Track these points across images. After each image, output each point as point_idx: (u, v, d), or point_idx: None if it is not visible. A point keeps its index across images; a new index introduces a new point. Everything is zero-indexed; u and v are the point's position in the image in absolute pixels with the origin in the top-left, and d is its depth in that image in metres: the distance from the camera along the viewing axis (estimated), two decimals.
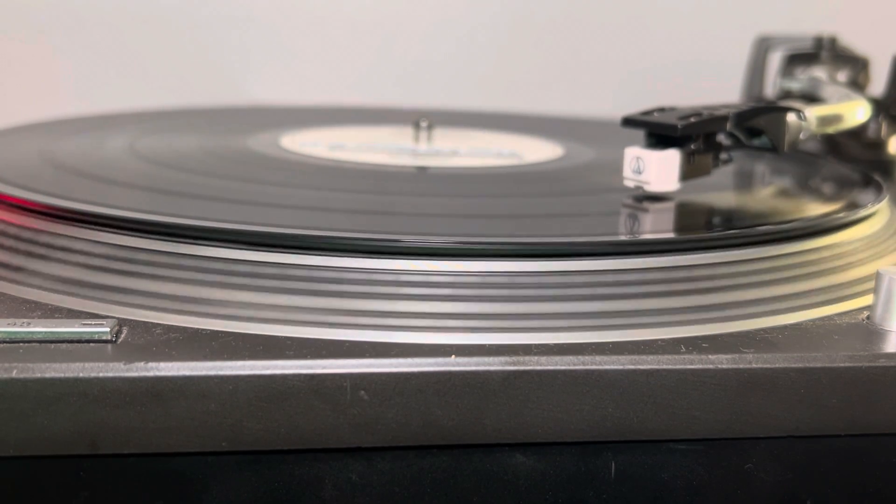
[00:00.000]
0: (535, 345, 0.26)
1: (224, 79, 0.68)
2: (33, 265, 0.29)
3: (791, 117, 0.37)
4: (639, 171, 0.36)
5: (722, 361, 0.26)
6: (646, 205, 0.36)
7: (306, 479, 0.26)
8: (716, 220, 0.37)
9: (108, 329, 0.25)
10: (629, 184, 0.36)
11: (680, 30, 0.71)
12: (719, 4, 0.71)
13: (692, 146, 0.36)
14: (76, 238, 0.30)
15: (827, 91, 0.47)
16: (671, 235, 0.33)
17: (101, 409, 0.24)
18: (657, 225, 0.35)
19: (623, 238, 0.32)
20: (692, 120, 0.35)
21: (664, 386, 0.26)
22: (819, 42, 0.55)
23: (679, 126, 0.35)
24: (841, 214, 0.35)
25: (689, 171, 0.36)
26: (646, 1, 0.71)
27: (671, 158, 0.36)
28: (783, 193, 0.42)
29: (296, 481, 0.26)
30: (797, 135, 0.37)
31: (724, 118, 0.36)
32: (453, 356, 0.25)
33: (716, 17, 0.71)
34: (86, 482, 0.25)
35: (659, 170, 0.35)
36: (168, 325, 0.26)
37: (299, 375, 0.24)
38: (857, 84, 0.54)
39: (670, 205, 0.36)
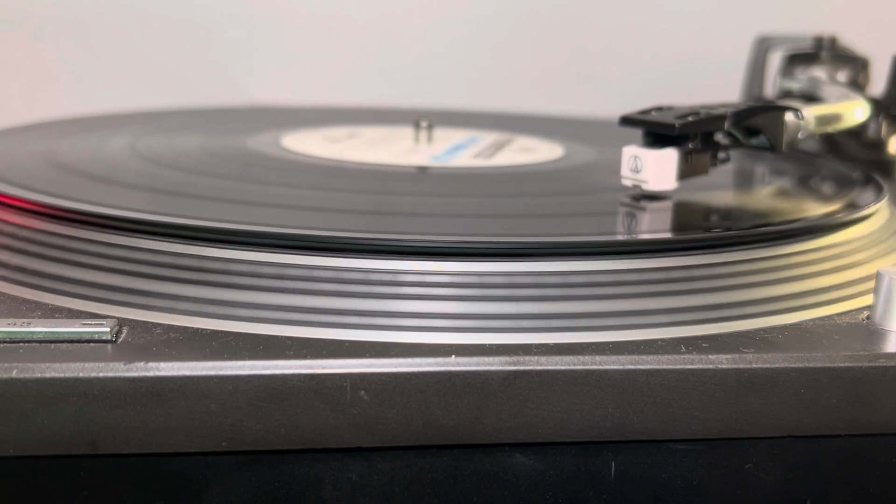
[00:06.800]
0: (535, 345, 0.26)
1: (225, 79, 0.68)
2: (33, 265, 0.29)
3: (789, 116, 0.37)
4: (637, 170, 0.36)
5: (722, 361, 0.26)
6: (643, 204, 0.36)
7: (306, 479, 0.26)
8: (715, 219, 0.37)
9: (108, 329, 0.25)
10: (627, 183, 0.36)
11: (680, 30, 0.71)
12: (719, 4, 0.71)
13: (690, 145, 0.36)
14: (76, 238, 0.30)
15: (826, 91, 0.47)
16: (672, 235, 0.33)
17: (101, 409, 0.24)
18: (656, 224, 0.35)
19: (624, 238, 0.32)
20: (690, 119, 0.35)
21: (664, 386, 0.26)
22: (819, 42, 0.55)
23: (676, 125, 0.35)
24: (841, 214, 0.35)
25: (687, 171, 0.36)
26: (646, 1, 0.71)
27: (668, 157, 0.36)
28: (783, 193, 0.42)
29: (296, 481, 0.26)
30: (795, 134, 0.37)
31: (721, 117, 0.36)
32: (453, 356, 0.25)
33: (716, 17, 0.71)
34: (86, 482, 0.25)
35: (656, 169, 0.35)
36: (168, 325, 0.26)
37: (299, 375, 0.24)
38: (857, 84, 0.54)
39: (668, 204, 0.36)
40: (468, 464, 0.27)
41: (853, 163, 0.48)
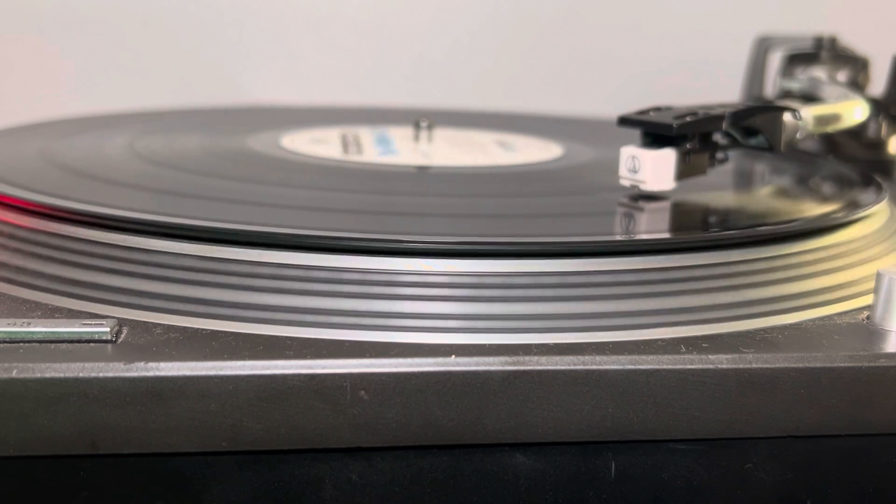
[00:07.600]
0: (535, 345, 0.26)
1: (224, 79, 0.68)
2: (33, 265, 0.29)
3: (787, 117, 0.37)
4: (635, 171, 0.36)
5: (722, 361, 0.26)
6: (641, 204, 0.36)
7: (306, 479, 0.26)
8: (715, 219, 0.37)
9: (108, 329, 0.25)
10: (625, 183, 0.36)
11: (680, 30, 0.71)
12: (719, 4, 0.71)
13: (688, 145, 0.36)
14: (76, 238, 0.30)
15: (826, 91, 0.47)
16: (671, 235, 0.33)
17: (101, 409, 0.24)
18: (654, 224, 0.35)
19: (622, 238, 0.32)
20: (688, 119, 0.35)
21: (664, 386, 0.26)
22: (819, 42, 0.55)
23: (674, 125, 0.35)
24: (840, 214, 0.35)
25: (685, 171, 0.36)
26: (646, 1, 0.71)
27: (666, 158, 0.36)
28: (782, 193, 0.42)
29: (296, 481, 0.26)
30: (793, 134, 0.37)
31: (719, 118, 0.36)
32: (453, 356, 0.25)
33: (716, 17, 0.71)
34: (86, 482, 0.25)
35: (654, 169, 0.35)
36: (168, 325, 0.26)
37: (299, 375, 0.24)
38: (857, 84, 0.54)
39: (666, 204, 0.36)
40: (468, 464, 0.27)
41: (853, 163, 0.48)
